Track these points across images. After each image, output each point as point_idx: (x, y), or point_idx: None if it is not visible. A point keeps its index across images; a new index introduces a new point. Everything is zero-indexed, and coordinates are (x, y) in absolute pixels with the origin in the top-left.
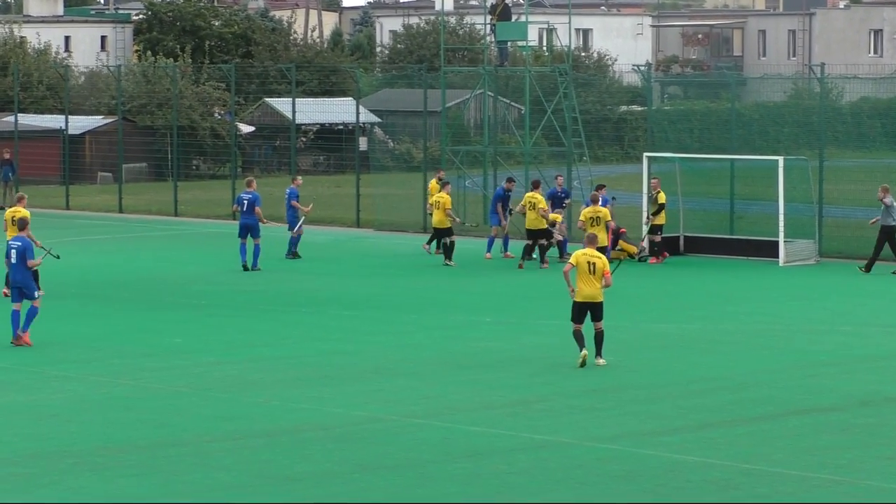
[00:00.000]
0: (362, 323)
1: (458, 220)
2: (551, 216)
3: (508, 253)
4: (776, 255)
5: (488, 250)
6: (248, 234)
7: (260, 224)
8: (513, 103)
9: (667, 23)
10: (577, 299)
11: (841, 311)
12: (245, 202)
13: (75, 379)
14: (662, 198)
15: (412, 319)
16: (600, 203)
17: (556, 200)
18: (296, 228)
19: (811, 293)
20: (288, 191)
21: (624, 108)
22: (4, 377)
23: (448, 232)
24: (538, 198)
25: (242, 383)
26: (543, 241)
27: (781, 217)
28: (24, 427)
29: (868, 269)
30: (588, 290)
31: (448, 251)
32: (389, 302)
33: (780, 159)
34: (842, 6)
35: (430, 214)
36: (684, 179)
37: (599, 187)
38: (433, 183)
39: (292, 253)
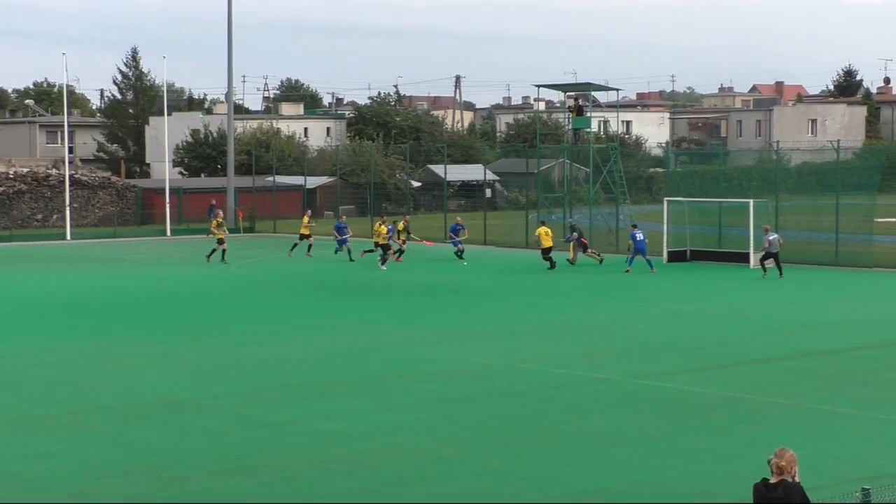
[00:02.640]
0: (489, 302)
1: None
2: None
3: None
4: (747, 262)
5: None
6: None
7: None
8: (582, 167)
9: (679, 116)
10: None
11: (789, 295)
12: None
13: (312, 338)
14: None
15: (519, 300)
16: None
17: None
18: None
19: (768, 286)
20: (452, 225)
21: (651, 169)
22: (267, 339)
23: (549, 250)
24: None
25: (413, 341)
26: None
27: (751, 237)
28: (281, 369)
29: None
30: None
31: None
32: (506, 289)
33: (751, 202)
34: (791, 105)
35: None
36: (690, 214)
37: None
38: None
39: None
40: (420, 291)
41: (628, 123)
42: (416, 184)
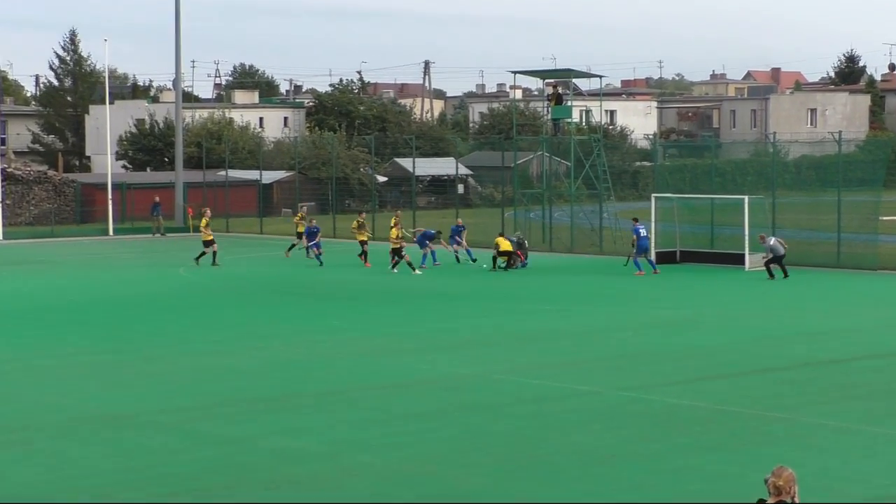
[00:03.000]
0: (461, 308)
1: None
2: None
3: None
4: (742, 263)
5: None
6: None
7: None
8: (562, 161)
9: (667, 105)
10: None
11: (785, 301)
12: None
13: (264, 348)
14: None
15: (494, 305)
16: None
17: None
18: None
19: (765, 290)
20: (452, 227)
21: (638, 163)
22: (216, 348)
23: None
24: None
25: (381, 351)
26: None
27: (746, 237)
28: (232, 382)
29: (785, 275)
30: None
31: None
32: (480, 294)
33: (746, 198)
34: (788, 93)
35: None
36: (679, 212)
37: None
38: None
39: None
40: (387, 297)
41: (612, 113)
42: (381, 179)
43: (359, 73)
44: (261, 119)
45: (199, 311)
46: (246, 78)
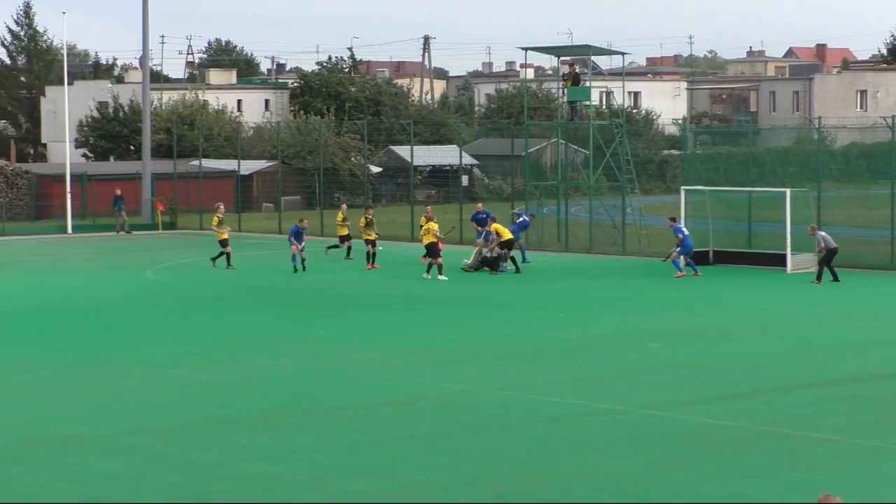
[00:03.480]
0: (465, 316)
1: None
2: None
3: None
4: (784, 265)
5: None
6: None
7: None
8: (580, 149)
9: (698, 86)
10: None
11: (833, 308)
12: None
13: (242, 360)
14: None
15: (501, 313)
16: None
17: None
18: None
19: (811, 295)
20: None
21: (665, 152)
22: (189, 360)
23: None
24: None
25: (373, 365)
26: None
27: (788, 235)
28: (207, 398)
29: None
30: None
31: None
32: (486, 300)
33: (787, 191)
34: (835, 73)
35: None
36: (712, 207)
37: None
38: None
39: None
40: (381, 303)
41: (636, 95)
42: (375, 169)
43: (349, 49)
44: (239, 102)
45: (169, 320)
46: (222, 55)
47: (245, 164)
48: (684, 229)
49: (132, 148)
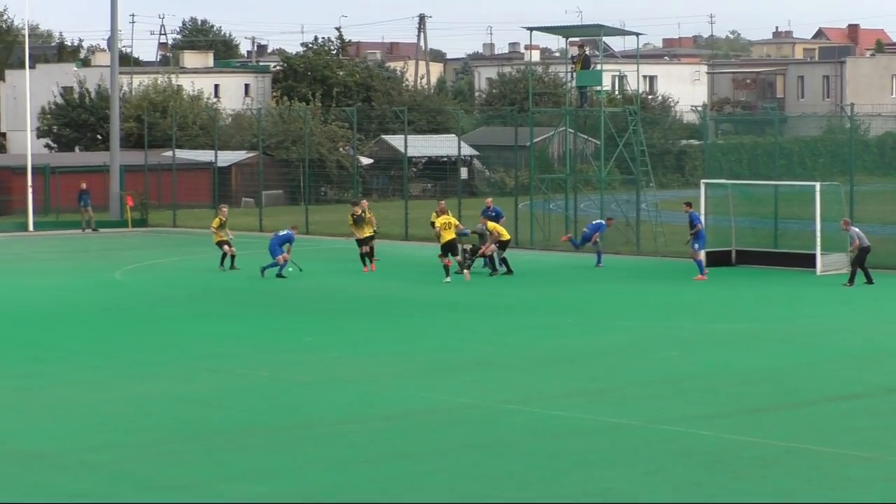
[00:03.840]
0: (463, 322)
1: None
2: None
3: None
4: (813, 266)
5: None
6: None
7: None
8: (590, 139)
9: (720, 70)
10: None
11: (867, 312)
12: None
13: (221, 370)
14: None
15: (504, 318)
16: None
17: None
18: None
19: (843, 298)
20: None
21: (684, 142)
22: (162, 370)
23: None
24: None
25: (362, 375)
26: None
27: (818, 233)
28: (181, 412)
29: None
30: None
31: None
32: (487, 304)
33: (817, 185)
34: (868, 55)
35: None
36: (735, 202)
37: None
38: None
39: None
40: (373, 308)
41: (652, 80)
42: (365, 161)
43: (337, 29)
44: (216, 87)
45: (139, 326)
46: (197, 36)
47: (223, 156)
48: (701, 218)
49: (99, 137)
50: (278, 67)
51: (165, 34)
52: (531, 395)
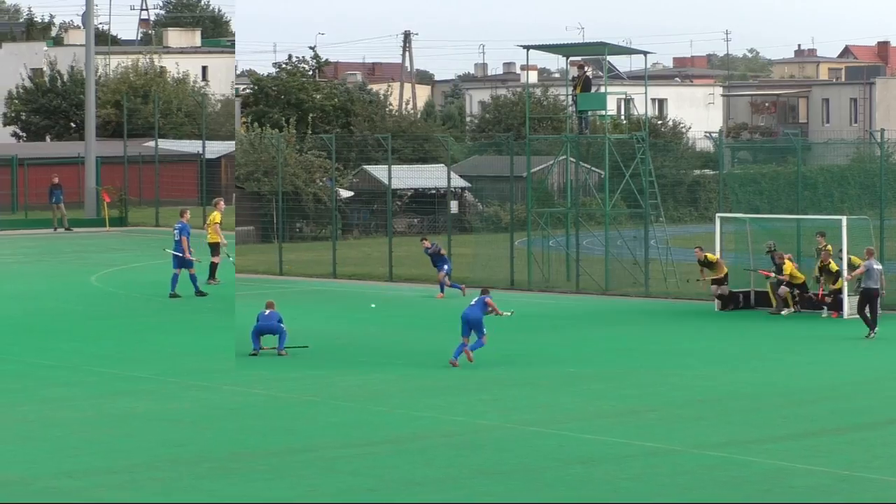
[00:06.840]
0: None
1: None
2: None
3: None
4: (840, 309)
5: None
6: None
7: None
8: (593, 168)
9: (736, 93)
10: None
11: None
12: None
13: (207, 387)
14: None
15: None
16: None
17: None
18: None
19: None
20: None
21: (697, 171)
22: (143, 387)
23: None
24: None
25: (367, 393)
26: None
27: (845, 272)
28: (164, 434)
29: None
30: None
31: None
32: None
33: (843, 218)
34: None
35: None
36: (755, 238)
37: None
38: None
39: None
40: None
41: (662, 103)
42: (345, 193)
43: (313, 48)
44: (204, 69)
45: (117, 337)
46: (183, 12)
47: (211, 146)
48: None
49: (73, 125)
50: (248, 90)
51: (147, 9)
52: (556, 415)
